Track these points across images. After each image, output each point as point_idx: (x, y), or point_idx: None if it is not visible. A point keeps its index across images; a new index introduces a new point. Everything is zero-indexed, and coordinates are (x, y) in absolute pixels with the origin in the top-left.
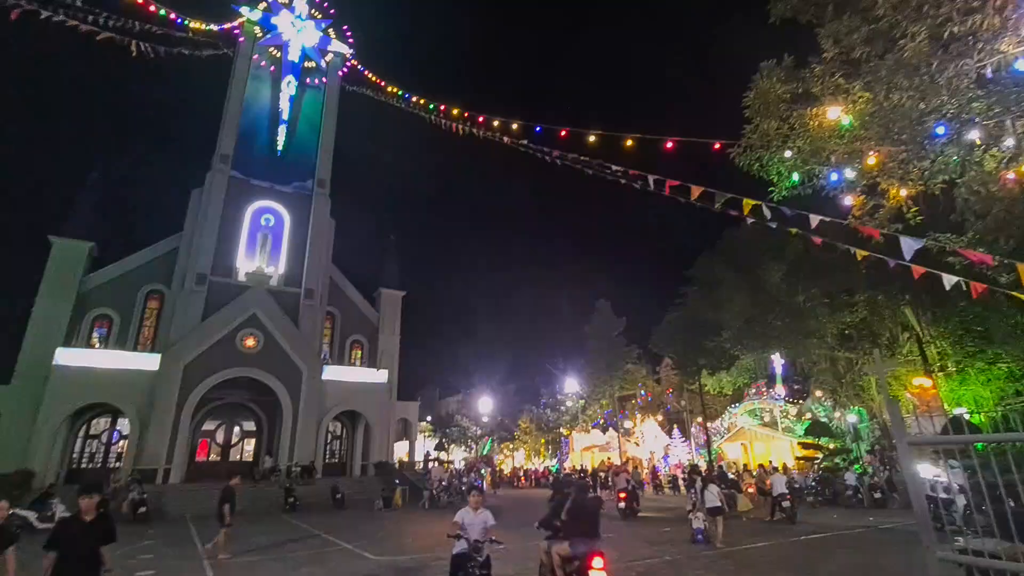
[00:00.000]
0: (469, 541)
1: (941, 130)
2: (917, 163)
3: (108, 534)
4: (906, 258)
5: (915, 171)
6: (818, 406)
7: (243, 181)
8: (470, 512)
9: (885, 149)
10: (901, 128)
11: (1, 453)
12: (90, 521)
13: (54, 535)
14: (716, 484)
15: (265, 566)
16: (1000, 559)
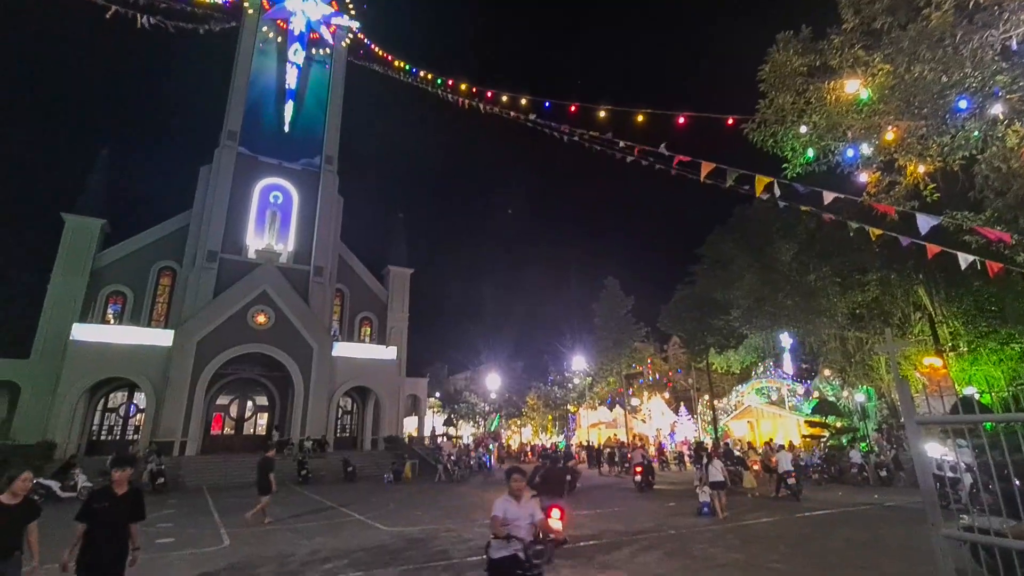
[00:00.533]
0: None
1: (963, 104)
2: (937, 138)
3: (138, 511)
4: (921, 236)
5: (934, 147)
6: (826, 385)
7: (251, 158)
8: (511, 503)
9: (904, 124)
10: (922, 102)
11: (23, 425)
12: (121, 495)
13: (86, 507)
14: (721, 460)
15: (280, 535)
16: (1006, 537)
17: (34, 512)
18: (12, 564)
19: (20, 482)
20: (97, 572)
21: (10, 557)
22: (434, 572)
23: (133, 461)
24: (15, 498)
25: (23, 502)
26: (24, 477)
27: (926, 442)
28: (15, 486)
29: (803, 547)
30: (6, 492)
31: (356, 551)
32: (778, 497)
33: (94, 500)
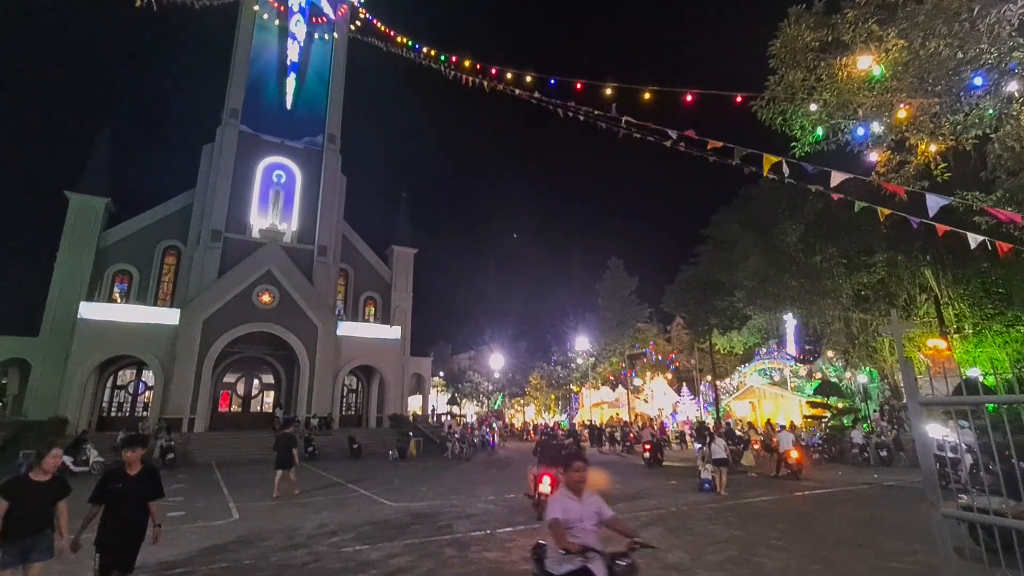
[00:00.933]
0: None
1: (979, 81)
2: (950, 116)
3: (155, 489)
4: (930, 216)
5: (947, 125)
6: (829, 366)
7: (253, 136)
8: (571, 500)
9: (917, 101)
10: (936, 78)
11: (35, 401)
12: (136, 475)
13: (100, 489)
14: (723, 439)
15: (288, 509)
16: (1006, 517)
17: (64, 490)
18: (43, 540)
19: (50, 459)
20: (115, 552)
21: (41, 534)
22: (439, 546)
23: (145, 440)
24: (45, 475)
25: (53, 480)
26: (54, 454)
27: (928, 423)
28: (45, 463)
29: (802, 525)
30: (36, 469)
31: (362, 525)
32: (778, 476)
33: (108, 481)
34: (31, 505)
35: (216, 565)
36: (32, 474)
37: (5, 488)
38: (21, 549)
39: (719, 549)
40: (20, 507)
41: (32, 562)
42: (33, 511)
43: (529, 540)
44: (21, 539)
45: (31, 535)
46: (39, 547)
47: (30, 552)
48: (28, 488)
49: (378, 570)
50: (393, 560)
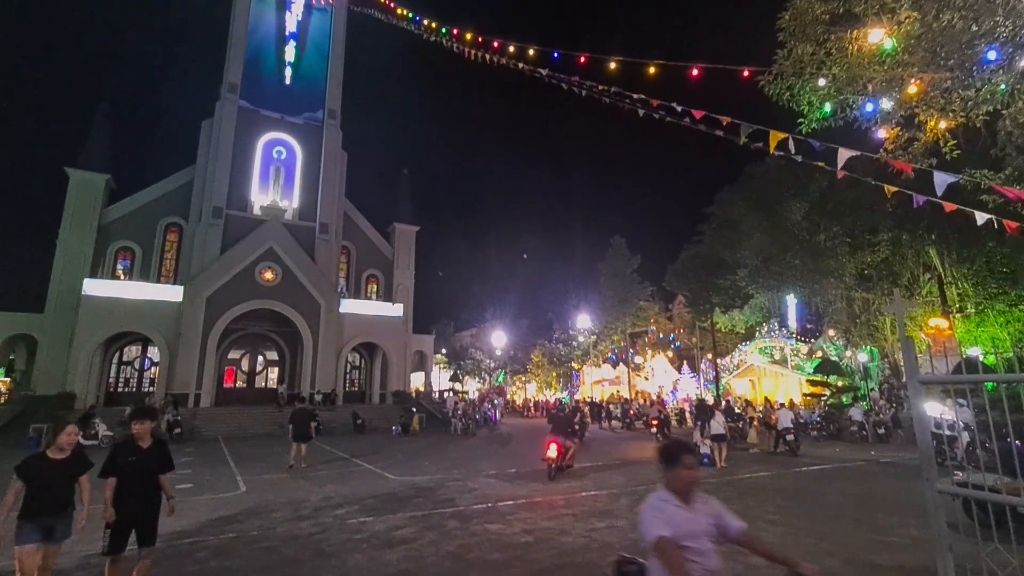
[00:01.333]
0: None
1: (992, 55)
2: (961, 92)
3: (166, 462)
4: (937, 194)
5: (958, 101)
6: (830, 345)
7: (253, 112)
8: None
9: (928, 76)
10: (949, 52)
11: (43, 376)
12: (147, 448)
13: (110, 462)
14: (723, 415)
15: (293, 483)
16: (1000, 493)
17: (85, 466)
18: (65, 518)
19: (65, 436)
20: (129, 525)
21: (63, 513)
22: (441, 518)
23: (154, 413)
24: (62, 452)
25: (72, 456)
26: (68, 431)
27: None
28: (60, 440)
29: (799, 500)
30: (52, 447)
31: (366, 498)
32: (776, 452)
33: (118, 454)
34: (51, 484)
35: (225, 535)
36: (49, 452)
37: (22, 468)
38: (44, 528)
39: None
40: (40, 486)
41: (56, 541)
42: (53, 490)
43: (530, 513)
44: (43, 518)
45: (53, 514)
46: (62, 526)
47: (53, 531)
48: (46, 467)
49: (382, 540)
50: (397, 532)
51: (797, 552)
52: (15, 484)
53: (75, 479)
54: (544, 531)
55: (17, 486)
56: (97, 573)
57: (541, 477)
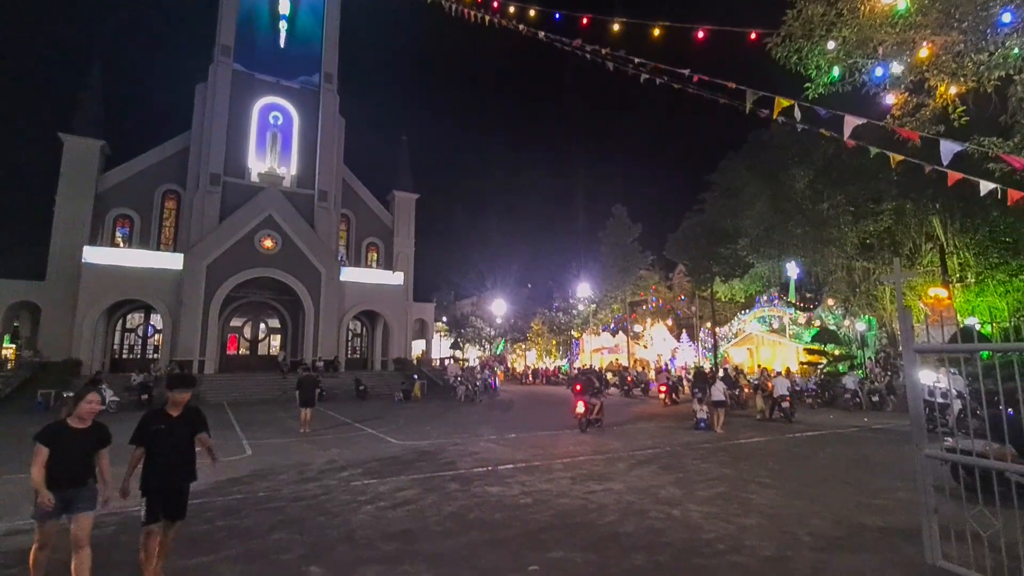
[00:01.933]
0: None
1: (1007, 17)
2: (974, 56)
3: (201, 425)
4: (943, 163)
5: (970, 65)
6: (828, 314)
7: (247, 75)
8: None
9: (940, 39)
10: (963, 14)
11: (48, 343)
12: (178, 415)
13: (141, 430)
14: (722, 383)
15: (298, 447)
16: (987, 458)
17: (105, 438)
18: (87, 491)
19: (86, 405)
20: (161, 496)
21: (84, 485)
22: (443, 481)
23: (194, 381)
24: (83, 422)
25: (93, 427)
26: (89, 399)
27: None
28: (80, 409)
29: (791, 464)
30: (72, 416)
31: (369, 461)
32: (771, 419)
33: (150, 422)
34: (72, 454)
35: (232, 496)
36: (70, 421)
37: (43, 434)
38: (63, 500)
39: (710, 486)
40: (60, 456)
41: (77, 513)
42: (74, 460)
43: (529, 476)
44: (63, 489)
45: (73, 486)
46: (82, 498)
47: (73, 503)
48: (67, 436)
49: (386, 502)
50: (400, 493)
51: (788, 513)
52: (40, 451)
53: (96, 451)
54: (542, 493)
55: (44, 453)
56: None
57: (541, 442)
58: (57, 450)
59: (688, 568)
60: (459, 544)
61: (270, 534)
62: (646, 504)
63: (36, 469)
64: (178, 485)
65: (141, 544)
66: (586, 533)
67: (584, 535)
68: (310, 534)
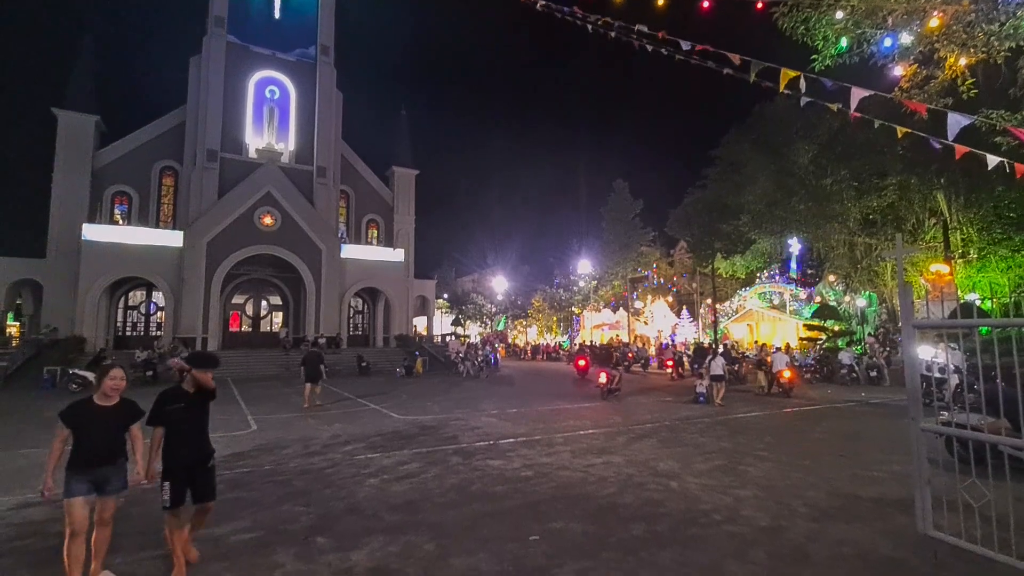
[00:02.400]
0: None
1: None
2: (985, 26)
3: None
4: (950, 136)
5: (980, 35)
6: (829, 290)
7: (242, 48)
8: None
9: (951, 9)
10: None
11: (51, 321)
12: (193, 393)
13: (157, 409)
14: (722, 358)
15: (302, 422)
16: (982, 432)
17: (136, 413)
18: (117, 470)
19: (110, 381)
20: (185, 475)
21: (114, 463)
22: (445, 455)
23: (218, 362)
24: (108, 400)
25: (121, 403)
26: (113, 375)
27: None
28: (105, 386)
29: (788, 437)
30: (98, 393)
31: (373, 436)
32: (769, 394)
33: (166, 401)
34: (99, 433)
35: (239, 470)
36: (96, 398)
37: (67, 414)
38: (93, 480)
39: (708, 459)
40: (87, 436)
41: (108, 495)
42: (101, 439)
43: (530, 450)
44: (92, 469)
45: (102, 465)
46: (113, 478)
47: (104, 484)
48: (92, 414)
49: (389, 475)
50: (403, 466)
51: (784, 485)
52: (61, 431)
53: (125, 428)
54: (543, 466)
55: (64, 433)
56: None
57: (542, 416)
58: (83, 430)
59: (685, 537)
60: (461, 515)
61: (277, 506)
62: (645, 477)
63: (57, 444)
64: (202, 463)
65: (167, 524)
66: (586, 504)
67: (584, 506)
68: (316, 506)
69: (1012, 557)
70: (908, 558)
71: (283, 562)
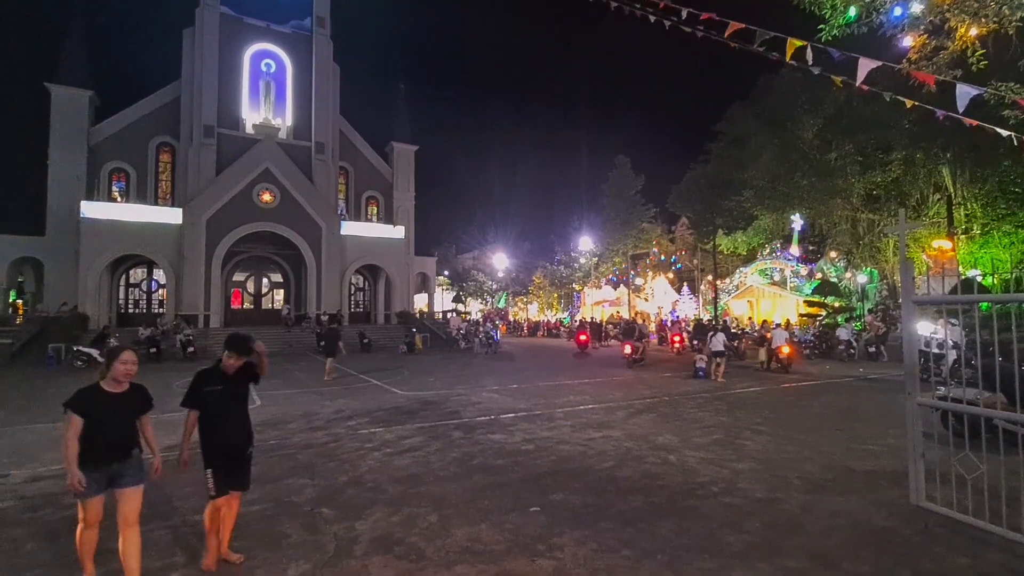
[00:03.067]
0: None
1: None
2: None
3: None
4: (959, 109)
5: (992, 5)
6: (830, 266)
7: (236, 20)
8: None
9: None
10: None
11: (52, 298)
12: (234, 374)
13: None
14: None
15: (305, 397)
16: (977, 406)
17: (147, 401)
18: (132, 464)
19: (121, 365)
20: (228, 463)
21: (129, 456)
22: (447, 429)
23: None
24: (119, 385)
25: (131, 389)
26: (124, 359)
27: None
28: (116, 371)
29: (786, 412)
30: (107, 378)
31: (376, 411)
32: (769, 369)
33: (204, 382)
34: (111, 422)
35: None
36: (104, 384)
37: (76, 401)
38: (107, 475)
39: (706, 433)
40: (98, 425)
41: (124, 487)
42: (114, 429)
43: (530, 424)
44: (106, 464)
45: (116, 459)
46: (128, 471)
47: (119, 478)
48: (103, 401)
49: (392, 449)
50: (405, 440)
51: (780, 458)
52: (74, 421)
53: (137, 416)
54: (543, 440)
55: (77, 423)
56: None
57: (542, 391)
58: (94, 419)
59: (682, 509)
60: (463, 487)
61: (283, 479)
62: (644, 450)
63: (68, 444)
64: (242, 449)
65: (207, 514)
66: (585, 477)
67: (583, 479)
68: (321, 478)
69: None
70: (900, 528)
71: (289, 532)
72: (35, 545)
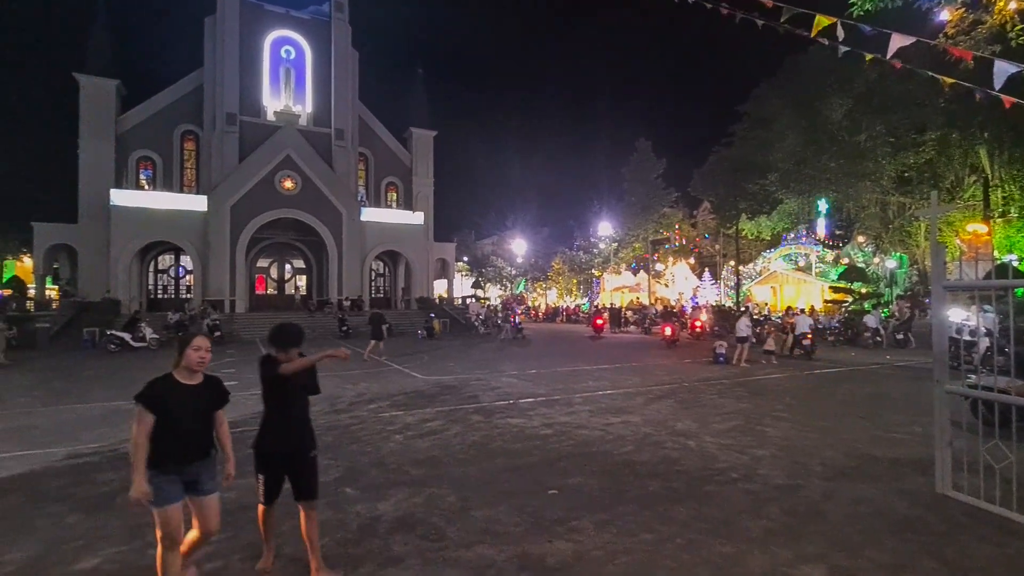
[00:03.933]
0: None
1: None
2: None
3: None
4: (996, 87)
5: None
6: (858, 251)
7: (256, 6)
8: None
9: None
10: None
11: (86, 284)
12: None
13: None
14: (747, 319)
15: (328, 381)
16: (1008, 394)
17: (222, 395)
18: (207, 466)
19: (193, 353)
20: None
21: (207, 457)
22: (466, 413)
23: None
24: (193, 376)
25: (205, 381)
26: (197, 345)
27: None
28: (188, 358)
29: (808, 399)
30: (180, 367)
31: (397, 395)
32: (792, 356)
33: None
34: (189, 419)
35: None
36: (177, 374)
37: (148, 394)
38: (186, 480)
39: (726, 419)
40: (175, 422)
41: (205, 494)
42: (192, 426)
43: (549, 409)
44: (184, 465)
45: (195, 459)
46: (205, 475)
47: (199, 483)
48: (179, 394)
49: (413, 431)
50: (426, 424)
51: (801, 445)
52: (145, 419)
53: (212, 412)
54: (562, 425)
55: (150, 421)
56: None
57: (562, 377)
58: (171, 416)
59: (701, 494)
60: (482, 470)
61: None
62: (662, 436)
63: (138, 443)
64: (303, 452)
65: (260, 521)
66: (603, 461)
67: (601, 463)
68: (344, 459)
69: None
70: (924, 516)
71: None
72: (75, 519)
